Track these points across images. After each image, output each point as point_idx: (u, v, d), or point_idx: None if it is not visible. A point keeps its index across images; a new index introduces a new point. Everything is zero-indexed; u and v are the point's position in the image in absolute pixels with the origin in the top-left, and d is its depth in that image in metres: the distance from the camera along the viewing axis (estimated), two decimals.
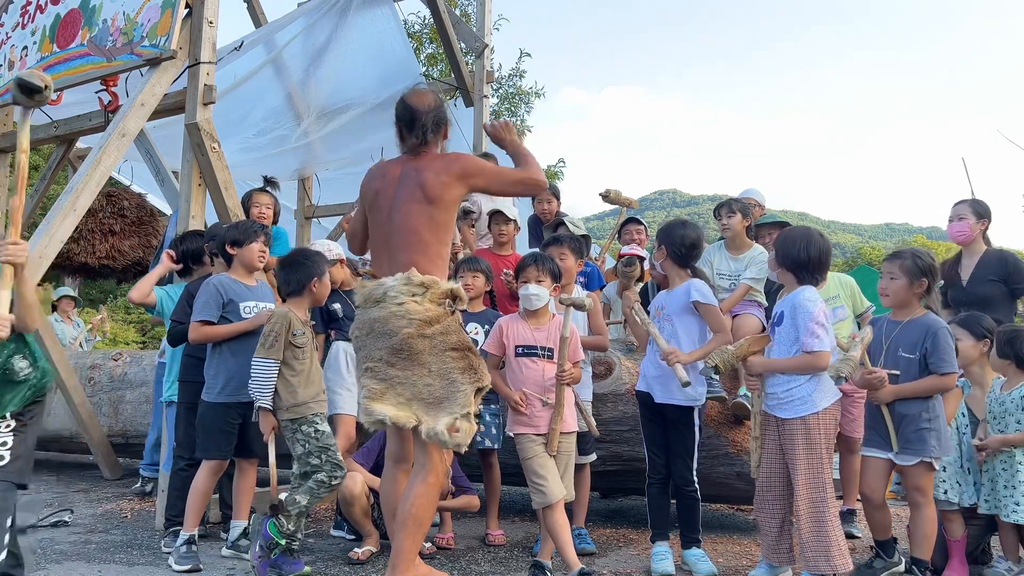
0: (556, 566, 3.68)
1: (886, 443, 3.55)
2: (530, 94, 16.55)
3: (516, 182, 3.35)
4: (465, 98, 7.78)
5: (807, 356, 3.38)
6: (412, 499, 3.11)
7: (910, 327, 3.59)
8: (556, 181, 16.45)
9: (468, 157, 3.42)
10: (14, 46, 5.97)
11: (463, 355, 3.13)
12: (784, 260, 3.53)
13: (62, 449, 7.02)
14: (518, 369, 3.73)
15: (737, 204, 4.94)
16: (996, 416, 3.72)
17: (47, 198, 8.04)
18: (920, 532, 3.55)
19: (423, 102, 3.34)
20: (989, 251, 4.76)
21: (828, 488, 3.35)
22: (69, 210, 4.55)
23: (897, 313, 3.69)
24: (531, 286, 3.74)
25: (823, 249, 3.51)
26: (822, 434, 3.38)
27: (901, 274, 3.61)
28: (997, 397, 3.75)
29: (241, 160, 6.85)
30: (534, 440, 3.63)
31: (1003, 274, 4.62)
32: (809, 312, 3.39)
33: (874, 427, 3.64)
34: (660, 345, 3.74)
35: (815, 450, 3.37)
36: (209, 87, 4.88)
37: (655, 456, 3.91)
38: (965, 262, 4.78)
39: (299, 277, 3.82)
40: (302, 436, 3.68)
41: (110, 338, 14.28)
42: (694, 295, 3.82)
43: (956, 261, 4.84)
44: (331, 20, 7.32)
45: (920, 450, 3.47)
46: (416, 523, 3.10)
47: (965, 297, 4.64)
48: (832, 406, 3.42)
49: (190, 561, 3.73)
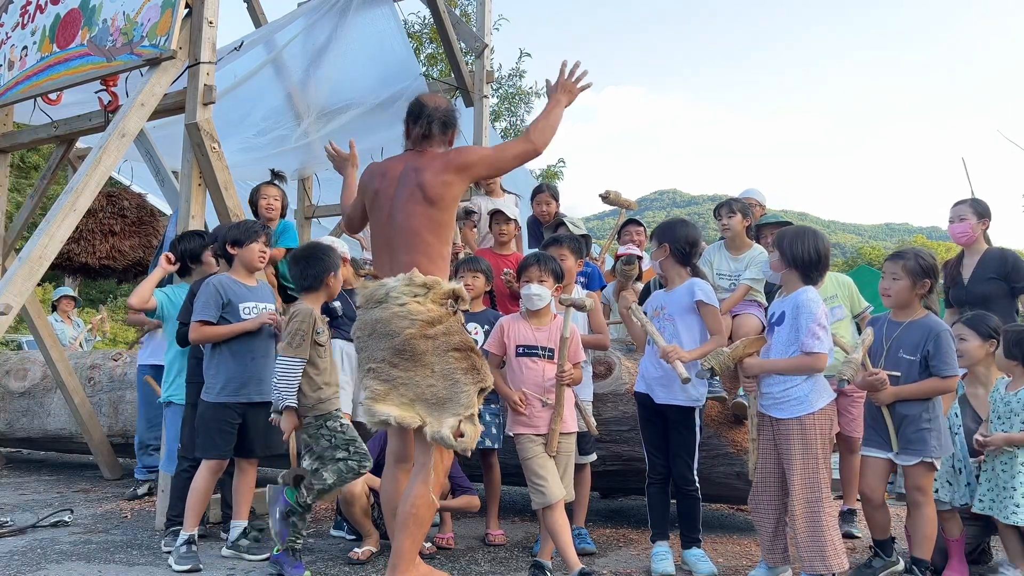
0: (556, 566, 3.68)
1: (886, 443, 3.55)
2: (530, 94, 16.55)
3: (515, 157, 3.34)
4: (465, 98, 7.77)
5: (805, 357, 3.38)
6: (412, 499, 3.12)
7: (911, 328, 3.58)
8: (556, 181, 16.45)
9: (465, 149, 3.41)
10: (14, 46, 5.97)
11: (466, 355, 3.13)
12: (793, 259, 3.49)
13: (62, 449, 7.03)
14: (518, 369, 3.74)
15: (737, 204, 4.93)
16: (1001, 416, 3.70)
17: (47, 198, 8.04)
18: (920, 532, 3.54)
19: (435, 101, 3.40)
20: (990, 250, 4.77)
21: (824, 488, 3.35)
22: (69, 210, 4.54)
23: (898, 314, 3.68)
24: (533, 286, 3.74)
25: (828, 248, 3.53)
26: (818, 434, 3.38)
27: (904, 274, 3.59)
28: (1003, 397, 3.73)
29: (241, 160, 6.85)
30: (534, 440, 3.63)
31: (1003, 272, 4.62)
32: (812, 313, 3.37)
33: (874, 427, 3.64)
34: (659, 343, 3.72)
35: (811, 450, 3.36)
36: (209, 87, 4.88)
37: (654, 457, 3.91)
38: (967, 262, 4.78)
39: (316, 271, 3.79)
40: (327, 431, 3.68)
41: (110, 338, 14.29)
42: (698, 294, 3.80)
43: (958, 261, 4.83)
44: (331, 20, 7.31)
45: (921, 450, 3.47)
46: (416, 523, 3.11)
47: (966, 296, 4.66)
48: (828, 406, 3.42)
49: (189, 561, 3.73)
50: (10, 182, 7.27)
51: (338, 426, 3.70)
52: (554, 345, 3.71)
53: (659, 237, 3.95)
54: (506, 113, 16.51)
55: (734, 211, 4.86)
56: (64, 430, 6.48)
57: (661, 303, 3.95)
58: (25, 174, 16.28)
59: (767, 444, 3.57)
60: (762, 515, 3.58)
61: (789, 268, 3.52)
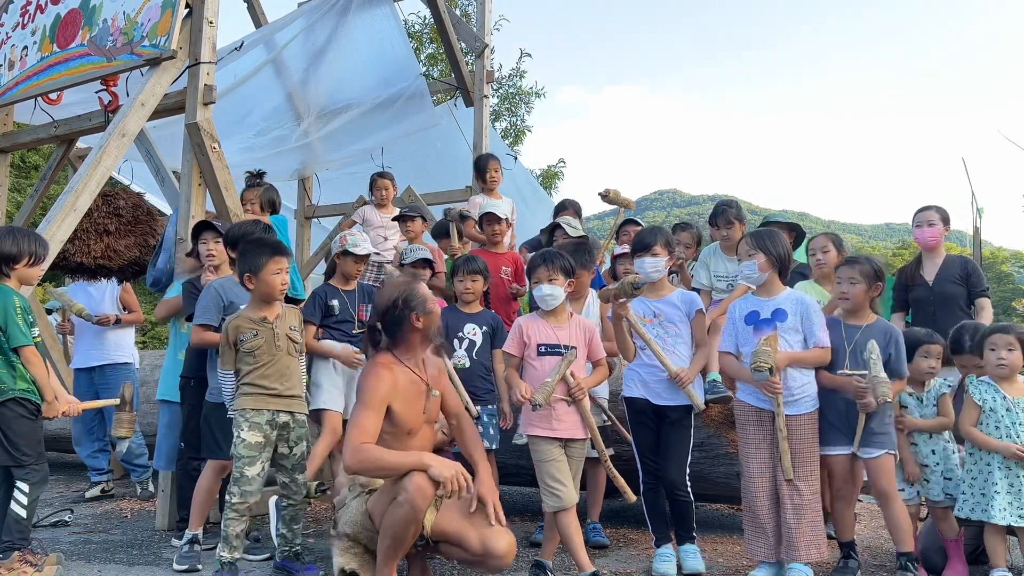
0: (556, 566, 3.68)
1: (848, 440, 3.65)
2: (530, 94, 16.53)
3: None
4: (465, 98, 7.78)
5: (821, 350, 3.64)
6: (386, 517, 3.11)
7: (871, 331, 3.71)
8: (556, 181, 16.45)
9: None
10: (14, 46, 5.97)
11: None
12: (777, 259, 3.70)
13: (62, 449, 7.03)
14: (541, 368, 3.62)
15: (733, 212, 4.98)
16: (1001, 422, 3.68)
17: (47, 198, 8.05)
18: (899, 525, 3.62)
19: (382, 298, 3.37)
20: (951, 255, 5.06)
21: (819, 480, 3.62)
22: (69, 210, 4.55)
23: (851, 317, 3.79)
24: (544, 286, 3.67)
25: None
26: (817, 428, 3.65)
27: (861, 279, 3.73)
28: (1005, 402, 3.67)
29: (241, 160, 6.85)
30: (552, 443, 3.56)
31: (964, 277, 4.91)
32: (819, 310, 3.69)
33: (838, 425, 3.69)
34: (669, 367, 3.76)
35: (817, 444, 3.62)
36: (209, 87, 4.88)
37: (649, 461, 3.92)
38: (927, 264, 5.01)
39: (240, 268, 3.70)
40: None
41: None
42: (699, 304, 3.94)
43: (917, 264, 5.08)
44: (331, 20, 7.32)
45: (886, 443, 3.62)
46: (385, 536, 3.11)
47: (931, 296, 4.91)
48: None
49: (188, 561, 3.74)
50: (10, 182, 7.27)
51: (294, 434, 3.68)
52: (575, 343, 3.66)
53: (760, 246, 3.77)
54: (506, 113, 16.50)
55: (731, 220, 4.90)
56: (64, 430, 6.47)
57: (653, 310, 3.94)
58: (25, 174, 16.28)
59: (764, 443, 3.64)
60: (765, 514, 3.63)
61: (773, 269, 3.70)
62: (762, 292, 3.76)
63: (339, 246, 4.59)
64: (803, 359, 3.63)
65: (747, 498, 3.70)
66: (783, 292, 3.73)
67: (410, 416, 3.25)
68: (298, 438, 3.69)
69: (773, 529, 3.61)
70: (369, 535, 3.22)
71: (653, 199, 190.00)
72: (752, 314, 3.73)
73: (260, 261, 3.62)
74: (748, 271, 3.76)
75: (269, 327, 3.64)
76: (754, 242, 3.74)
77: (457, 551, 3.21)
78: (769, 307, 3.69)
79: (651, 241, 3.93)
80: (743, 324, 3.75)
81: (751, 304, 3.77)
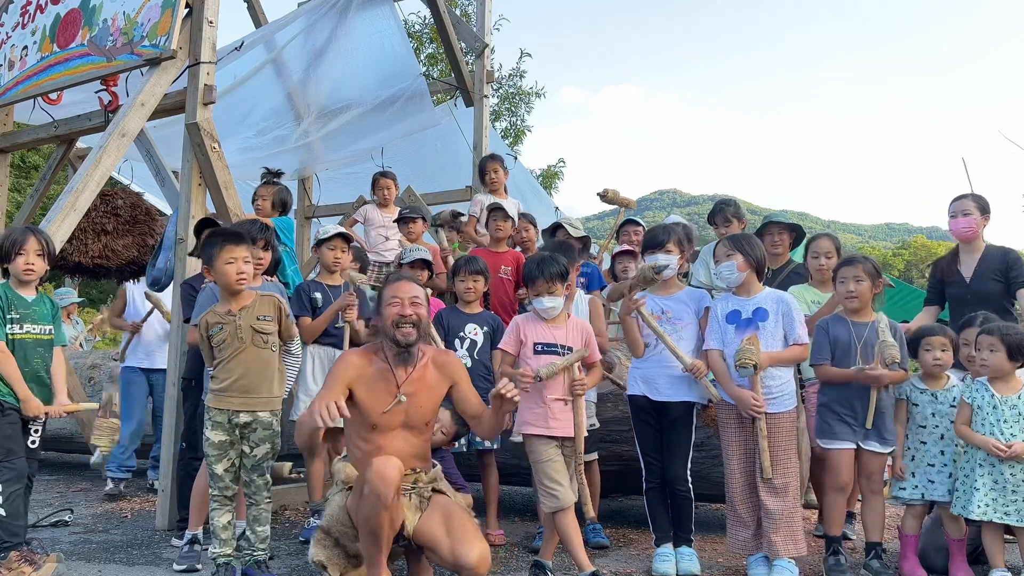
0: (556, 566, 3.68)
1: (855, 433, 3.72)
2: (530, 94, 16.52)
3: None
4: (465, 98, 7.78)
5: (800, 347, 3.72)
6: (359, 512, 3.10)
7: (876, 326, 3.77)
8: (556, 181, 16.44)
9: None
10: (14, 46, 5.97)
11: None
12: (756, 261, 3.80)
13: (62, 449, 7.03)
14: (536, 367, 3.59)
15: (731, 210, 4.97)
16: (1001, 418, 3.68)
17: (47, 198, 8.05)
18: (876, 518, 3.77)
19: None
20: (991, 248, 4.59)
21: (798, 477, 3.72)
22: (69, 210, 4.54)
23: (854, 314, 3.84)
24: (545, 299, 3.67)
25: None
26: (796, 425, 3.75)
27: (866, 277, 3.80)
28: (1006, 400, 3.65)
29: (241, 160, 6.85)
30: (548, 443, 3.55)
31: (1004, 270, 4.48)
32: (799, 308, 3.79)
33: (843, 419, 3.74)
34: (684, 360, 3.76)
35: (796, 440, 3.71)
36: (209, 87, 4.88)
37: (652, 460, 3.92)
38: (965, 259, 4.58)
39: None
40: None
41: (110, 338, 14.29)
42: (707, 302, 3.96)
43: (954, 258, 4.64)
44: (331, 20, 7.32)
45: (892, 441, 3.75)
46: (362, 531, 3.11)
47: (968, 294, 4.50)
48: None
49: (187, 561, 3.74)
50: (10, 182, 7.27)
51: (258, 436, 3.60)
52: (572, 344, 3.67)
53: (738, 247, 3.84)
54: (506, 113, 16.48)
55: (730, 219, 4.90)
56: (64, 430, 6.48)
57: (662, 307, 3.94)
58: (25, 174, 16.29)
59: (743, 441, 3.74)
60: (745, 510, 3.74)
61: (751, 269, 3.79)
62: (742, 292, 3.83)
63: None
64: (784, 358, 3.71)
65: (729, 494, 3.81)
66: (763, 291, 3.82)
67: (372, 406, 3.27)
68: (260, 439, 3.55)
69: (753, 524, 3.72)
70: (342, 530, 3.22)
71: (653, 199, 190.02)
72: (733, 313, 3.79)
73: (213, 251, 3.57)
74: (727, 272, 3.82)
75: (232, 319, 3.54)
76: (731, 244, 3.83)
77: (436, 557, 3.22)
78: (750, 306, 3.76)
79: (664, 239, 3.93)
80: (725, 323, 3.80)
81: (732, 304, 3.82)
